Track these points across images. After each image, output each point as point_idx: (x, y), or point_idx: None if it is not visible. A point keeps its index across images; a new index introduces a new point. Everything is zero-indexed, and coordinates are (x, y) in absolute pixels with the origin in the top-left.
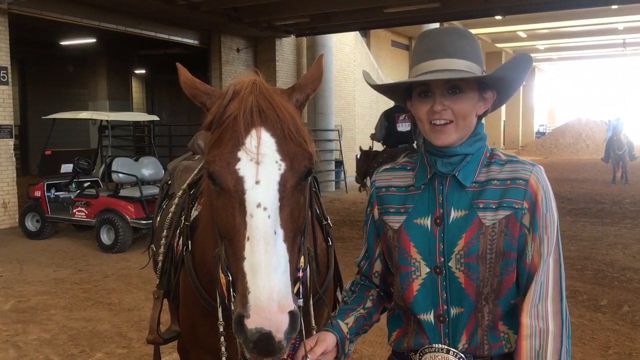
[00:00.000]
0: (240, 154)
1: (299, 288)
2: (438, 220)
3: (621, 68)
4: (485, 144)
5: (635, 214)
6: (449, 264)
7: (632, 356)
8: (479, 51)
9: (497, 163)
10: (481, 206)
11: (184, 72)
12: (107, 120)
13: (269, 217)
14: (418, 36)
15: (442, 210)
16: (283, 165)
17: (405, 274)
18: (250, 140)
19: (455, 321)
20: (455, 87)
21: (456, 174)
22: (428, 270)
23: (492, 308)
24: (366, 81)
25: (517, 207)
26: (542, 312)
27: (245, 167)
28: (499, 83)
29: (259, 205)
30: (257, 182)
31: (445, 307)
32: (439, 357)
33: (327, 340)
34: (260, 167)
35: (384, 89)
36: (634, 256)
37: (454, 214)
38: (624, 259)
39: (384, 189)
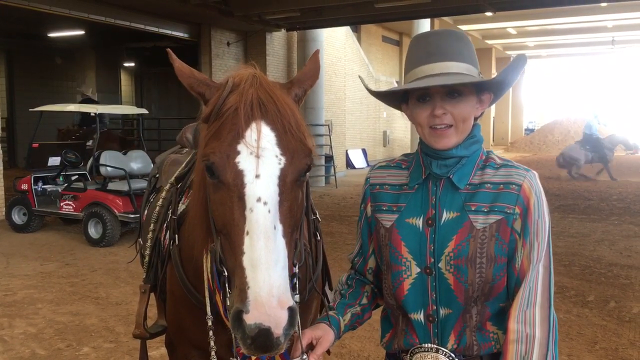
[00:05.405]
0: (240, 147)
1: (295, 284)
2: (430, 221)
3: (610, 65)
4: (481, 147)
5: (622, 211)
6: (439, 265)
7: (619, 351)
8: (474, 53)
9: (492, 167)
10: (473, 209)
11: (177, 61)
12: (95, 113)
13: (269, 211)
14: (413, 38)
15: (434, 211)
16: (283, 160)
17: (397, 273)
18: (251, 134)
19: (443, 322)
20: (454, 91)
21: (451, 176)
22: (418, 270)
23: (480, 309)
24: (365, 87)
25: (508, 211)
26: (530, 318)
27: (245, 160)
28: (496, 85)
29: (259, 200)
30: (257, 176)
31: (435, 307)
32: (429, 356)
33: (329, 339)
34: (261, 161)
35: (381, 95)
36: (620, 252)
37: (445, 216)
38: (611, 255)
39: (377, 186)
